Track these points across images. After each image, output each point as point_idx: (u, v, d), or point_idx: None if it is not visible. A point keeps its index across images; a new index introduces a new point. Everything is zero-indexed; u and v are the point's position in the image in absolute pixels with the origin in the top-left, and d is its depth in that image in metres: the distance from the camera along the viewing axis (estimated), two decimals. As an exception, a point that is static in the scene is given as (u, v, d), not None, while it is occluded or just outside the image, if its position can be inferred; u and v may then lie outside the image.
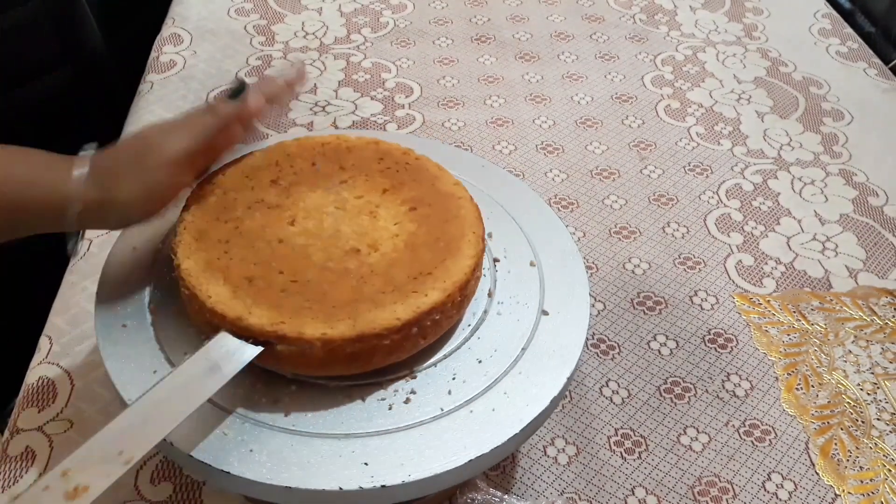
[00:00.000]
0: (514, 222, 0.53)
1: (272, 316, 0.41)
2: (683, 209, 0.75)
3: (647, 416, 0.57)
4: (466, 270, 0.45)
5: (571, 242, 0.52)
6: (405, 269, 0.44)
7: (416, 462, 0.39)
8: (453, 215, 0.48)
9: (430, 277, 0.44)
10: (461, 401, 0.42)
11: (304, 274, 0.44)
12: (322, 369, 0.42)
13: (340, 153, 0.52)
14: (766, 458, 0.55)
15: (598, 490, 0.53)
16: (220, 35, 0.93)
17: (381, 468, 0.39)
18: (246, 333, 0.41)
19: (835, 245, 0.72)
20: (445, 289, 0.43)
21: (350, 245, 0.45)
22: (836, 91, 0.91)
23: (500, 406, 0.42)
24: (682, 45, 0.97)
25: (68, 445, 0.53)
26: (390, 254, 0.45)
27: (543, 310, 0.48)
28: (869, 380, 0.61)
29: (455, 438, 0.41)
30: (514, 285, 0.49)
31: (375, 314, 0.41)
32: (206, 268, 0.43)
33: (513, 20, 1.00)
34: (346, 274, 0.44)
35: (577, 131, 0.83)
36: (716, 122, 0.86)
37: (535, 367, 0.45)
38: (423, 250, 0.46)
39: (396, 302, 0.42)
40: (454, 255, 0.45)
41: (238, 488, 0.39)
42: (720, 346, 0.63)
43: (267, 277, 0.43)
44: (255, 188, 0.49)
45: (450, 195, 0.49)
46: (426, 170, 0.51)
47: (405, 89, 0.87)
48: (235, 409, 0.41)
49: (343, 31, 0.95)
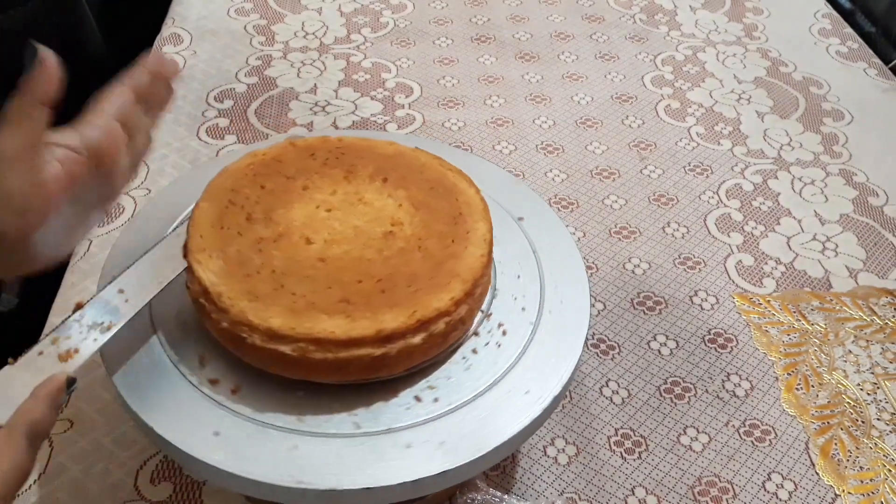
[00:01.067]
0: (514, 223, 0.53)
1: (296, 320, 0.41)
2: (683, 209, 0.75)
3: (647, 416, 0.57)
4: (480, 263, 0.45)
5: (572, 243, 0.52)
6: (419, 267, 0.44)
7: (407, 464, 0.39)
8: (460, 210, 0.48)
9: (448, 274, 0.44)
10: (456, 402, 0.42)
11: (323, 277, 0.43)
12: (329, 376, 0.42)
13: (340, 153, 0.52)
14: (767, 458, 0.55)
15: (598, 490, 0.53)
16: (220, 35, 0.93)
17: (380, 467, 0.39)
18: (272, 338, 0.40)
19: (835, 245, 0.72)
20: (465, 281, 0.43)
21: (365, 247, 0.46)
22: (837, 91, 0.91)
23: (497, 408, 0.42)
24: (683, 45, 0.97)
25: (69, 445, 0.53)
26: (403, 254, 0.45)
27: (543, 311, 0.48)
28: (869, 380, 0.61)
29: (449, 440, 0.40)
30: (514, 286, 0.49)
31: (396, 313, 0.41)
32: (224, 274, 0.43)
33: (513, 20, 1.00)
34: (367, 276, 0.44)
35: (577, 131, 0.83)
36: (716, 122, 0.86)
37: (535, 367, 0.44)
38: (434, 247, 0.46)
39: (415, 301, 0.42)
40: (466, 248, 0.45)
41: (239, 488, 0.39)
42: (720, 346, 0.63)
43: (289, 283, 0.43)
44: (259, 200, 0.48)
45: (456, 189, 0.50)
46: (429, 166, 0.51)
47: (405, 89, 0.87)
48: (238, 409, 0.41)
49: (343, 31, 0.95)
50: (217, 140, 0.78)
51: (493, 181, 0.56)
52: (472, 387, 0.43)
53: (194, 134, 0.79)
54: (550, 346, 0.46)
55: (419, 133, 0.81)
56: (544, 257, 0.51)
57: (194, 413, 0.41)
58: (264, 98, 0.84)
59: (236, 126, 0.80)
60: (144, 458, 0.53)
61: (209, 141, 0.78)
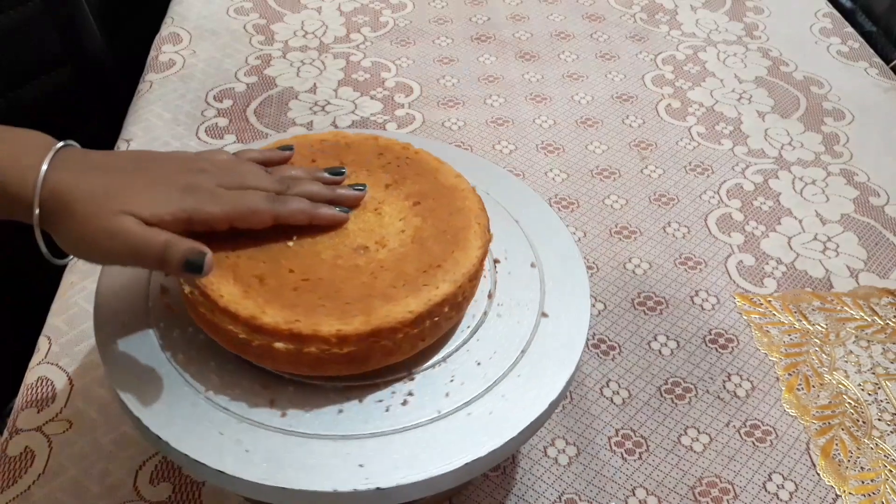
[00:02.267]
0: (515, 224, 0.53)
1: (286, 314, 0.40)
2: (684, 209, 0.75)
3: (647, 417, 0.57)
4: (475, 261, 0.45)
5: (573, 244, 0.52)
6: (414, 263, 0.44)
7: (411, 464, 0.39)
8: (457, 207, 0.48)
9: (440, 270, 0.44)
10: (458, 403, 0.42)
11: (315, 272, 0.43)
12: (319, 369, 0.41)
13: (340, 150, 0.52)
14: (767, 459, 0.55)
15: (598, 491, 0.53)
16: (220, 34, 0.93)
17: (377, 470, 0.39)
18: (260, 332, 0.40)
19: (836, 245, 0.72)
20: (456, 280, 0.43)
21: (358, 242, 0.45)
22: (837, 91, 0.91)
23: (497, 409, 0.42)
24: (683, 45, 0.97)
25: (68, 445, 0.53)
26: (398, 249, 0.45)
27: (543, 312, 0.47)
28: (870, 380, 0.61)
29: (451, 441, 0.40)
30: (515, 287, 0.49)
31: (389, 308, 0.41)
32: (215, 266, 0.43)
33: (513, 19, 1.00)
34: (357, 271, 0.44)
35: (578, 131, 0.83)
36: (716, 122, 0.85)
37: (534, 370, 0.44)
38: (430, 243, 0.46)
39: (408, 296, 0.42)
40: (462, 246, 0.45)
41: (234, 488, 0.39)
42: (721, 346, 0.62)
43: (277, 276, 0.43)
44: None
45: (452, 187, 0.49)
46: (427, 163, 0.51)
47: (405, 89, 0.87)
48: (232, 409, 0.41)
49: (343, 31, 0.95)
50: (216, 140, 0.78)
51: (493, 181, 0.56)
52: (470, 389, 0.43)
53: (194, 133, 0.78)
54: (551, 347, 0.46)
55: (419, 133, 0.81)
56: (544, 257, 0.51)
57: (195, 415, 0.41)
58: (264, 97, 0.84)
59: (236, 125, 0.80)
60: (143, 458, 0.52)
61: (208, 140, 0.78)
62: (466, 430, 0.41)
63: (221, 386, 0.42)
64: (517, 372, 0.44)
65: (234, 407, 0.41)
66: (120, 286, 0.47)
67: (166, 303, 0.46)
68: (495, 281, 0.49)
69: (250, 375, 0.42)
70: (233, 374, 0.43)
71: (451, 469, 0.39)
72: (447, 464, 0.39)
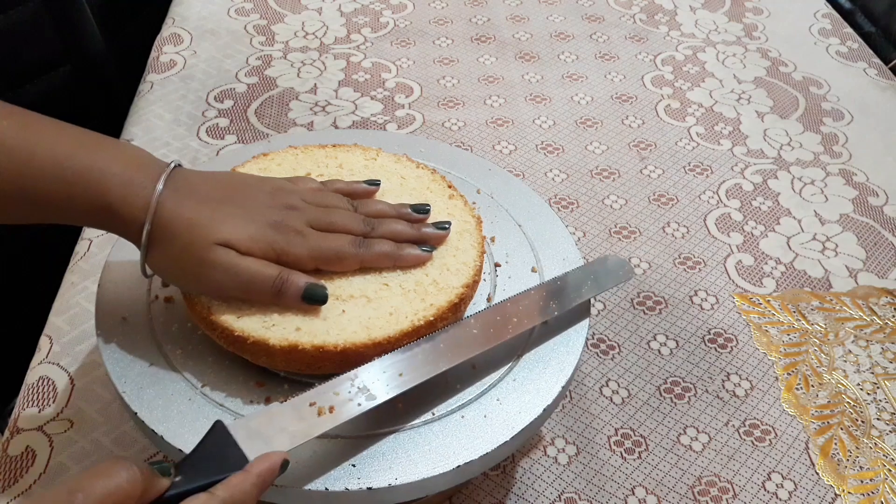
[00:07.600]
0: (517, 227, 0.53)
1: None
2: (683, 209, 0.75)
3: (647, 416, 0.57)
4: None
5: (572, 243, 0.52)
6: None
7: (403, 466, 0.39)
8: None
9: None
10: (453, 406, 0.42)
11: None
12: (314, 367, 0.42)
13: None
14: (766, 458, 0.55)
15: (598, 490, 0.53)
16: (220, 35, 0.93)
17: (369, 471, 0.39)
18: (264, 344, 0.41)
19: (835, 245, 0.72)
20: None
21: None
22: (837, 91, 0.91)
23: (492, 413, 0.42)
24: (682, 45, 0.97)
25: (68, 445, 0.53)
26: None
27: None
28: (869, 379, 0.61)
29: (445, 444, 0.40)
30: (514, 291, 0.49)
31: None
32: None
33: (513, 20, 1.00)
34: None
35: (577, 131, 0.83)
36: (716, 122, 0.86)
37: (531, 374, 0.44)
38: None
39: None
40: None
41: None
42: (720, 345, 0.63)
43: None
44: None
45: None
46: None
47: (405, 89, 0.87)
48: (228, 405, 0.41)
49: (343, 31, 0.95)
50: (217, 140, 0.78)
51: (493, 181, 0.56)
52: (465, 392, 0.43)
53: (194, 134, 0.79)
54: (547, 354, 0.46)
55: (419, 133, 0.81)
56: (544, 257, 0.51)
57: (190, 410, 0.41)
58: (264, 98, 0.84)
59: (236, 126, 0.80)
60: (144, 457, 0.53)
61: (209, 141, 0.78)
62: (460, 432, 0.41)
63: (217, 382, 0.42)
64: (513, 376, 0.44)
65: (230, 403, 0.41)
66: (121, 286, 0.47)
67: (167, 298, 0.46)
68: (495, 285, 0.49)
69: (246, 372, 0.43)
70: (229, 370, 0.43)
71: (443, 471, 0.39)
72: (439, 466, 0.39)
